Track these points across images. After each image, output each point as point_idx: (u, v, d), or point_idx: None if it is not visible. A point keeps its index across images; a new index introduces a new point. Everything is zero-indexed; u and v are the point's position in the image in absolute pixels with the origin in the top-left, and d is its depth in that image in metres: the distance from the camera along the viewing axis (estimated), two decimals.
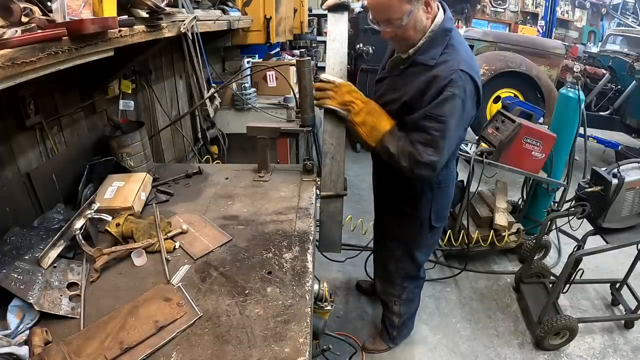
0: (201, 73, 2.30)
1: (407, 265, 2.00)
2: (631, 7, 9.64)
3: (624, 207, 2.15)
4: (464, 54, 1.45)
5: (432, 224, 1.82)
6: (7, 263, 1.15)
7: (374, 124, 1.50)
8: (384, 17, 1.44)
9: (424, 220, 1.81)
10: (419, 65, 1.49)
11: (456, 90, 1.38)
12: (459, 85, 1.38)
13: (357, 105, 1.49)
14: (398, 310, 2.19)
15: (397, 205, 1.83)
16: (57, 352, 0.97)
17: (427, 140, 1.44)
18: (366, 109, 1.51)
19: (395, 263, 2.01)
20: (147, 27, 1.50)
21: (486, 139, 3.06)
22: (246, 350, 0.99)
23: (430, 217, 1.79)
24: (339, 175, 1.59)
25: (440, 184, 1.74)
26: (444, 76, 1.39)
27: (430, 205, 1.77)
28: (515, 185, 3.89)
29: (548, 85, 4.77)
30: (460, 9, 10.38)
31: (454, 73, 1.38)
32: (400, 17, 1.40)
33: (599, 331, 2.54)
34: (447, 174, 1.76)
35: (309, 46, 5.50)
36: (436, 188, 1.74)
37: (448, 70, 1.40)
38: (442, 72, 1.41)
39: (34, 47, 0.91)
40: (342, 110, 1.50)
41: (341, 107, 1.50)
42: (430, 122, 1.42)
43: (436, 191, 1.75)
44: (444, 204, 1.82)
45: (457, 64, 1.40)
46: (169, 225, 1.46)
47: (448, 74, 1.39)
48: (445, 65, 1.42)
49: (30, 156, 1.49)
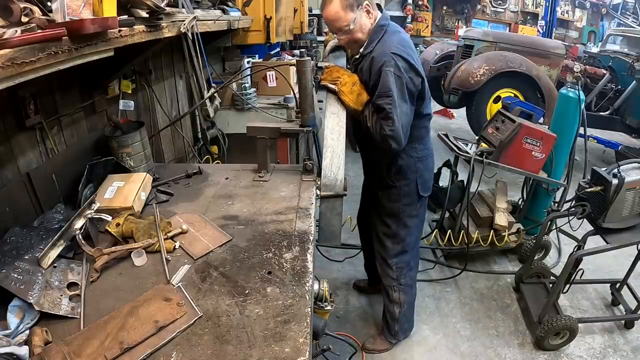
0: (201, 73, 2.29)
1: (403, 238, 2.17)
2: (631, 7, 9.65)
3: (624, 207, 2.15)
4: (395, 41, 1.77)
5: (419, 193, 2.07)
6: (7, 263, 1.15)
7: (359, 91, 1.81)
8: (337, 27, 1.80)
9: (412, 191, 2.06)
10: (365, 57, 1.83)
11: (390, 68, 1.70)
12: (391, 64, 1.70)
13: (343, 79, 1.81)
14: (398, 298, 2.26)
15: (388, 180, 2.05)
16: (57, 352, 0.97)
17: (384, 115, 1.74)
18: (352, 81, 1.81)
19: (392, 238, 2.17)
20: (147, 27, 1.50)
21: (486, 139, 3.06)
22: (246, 350, 0.99)
23: (418, 187, 2.05)
24: (339, 167, 1.61)
25: (422, 158, 2.03)
26: (379, 59, 1.73)
27: (416, 176, 2.03)
28: (515, 185, 3.89)
29: (548, 85, 4.77)
30: (460, 9, 10.40)
31: (386, 56, 1.71)
32: (347, 24, 1.77)
33: (599, 331, 2.54)
34: (425, 149, 2.04)
35: (309, 46, 5.49)
36: (418, 161, 2.01)
37: (381, 54, 1.73)
38: (378, 56, 1.74)
39: (34, 47, 0.91)
40: (331, 84, 1.81)
41: (330, 82, 1.82)
42: (382, 99, 1.73)
43: (419, 163, 2.02)
44: (427, 175, 2.10)
45: (388, 49, 1.73)
46: (169, 225, 1.46)
47: (382, 57, 1.72)
48: (379, 51, 1.75)
49: (30, 156, 1.49)
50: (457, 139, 3.19)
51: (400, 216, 2.11)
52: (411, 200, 2.08)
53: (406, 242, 2.18)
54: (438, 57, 5.99)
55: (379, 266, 2.29)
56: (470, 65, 4.75)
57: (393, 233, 2.15)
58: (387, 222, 2.15)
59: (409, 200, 2.08)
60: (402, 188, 2.05)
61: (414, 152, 1.99)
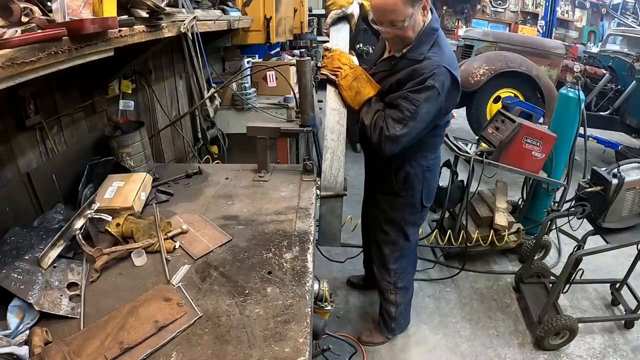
0: (201, 73, 2.29)
1: (402, 246, 2.12)
2: (631, 7, 9.65)
3: (624, 207, 2.15)
4: (448, 54, 1.64)
5: (423, 204, 2.01)
6: (7, 263, 1.15)
7: (359, 89, 1.68)
8: (389, 19, 1.58)
9: (416, 201, 1.99)
10: (408, 60, 1.67)
11: (436, 83, 1.56)
12: (439, 79, 1.56)
13: (344, 71, 1.67)
14: (395, 300, 2.25)
15: (394, 187, 1.96)
16: (57, 352, 0.97)
17: (398, 117, 1.61)
18: (353, 74, 1.68)
19: (390, 245, 2.12)
20: (147, 27, 1.50)
21: (486, 139, 3.06)
22: (246, 350, 0.99)
23: (422, 198, 1.98)
24: (339, 169, 1.60)
25: (430, 167, 1.93)
26: (429, 69, 1.57)
27: (422, 187, 1.94)
28: (515, 185, 3.89)
29: (548, 85, 4.77)
30: (460, 9, 10.40)
31: (437, 68, 1.56)
32: (403, 20, 1.56)
33: (599, 331, 2.54)
34: (435, 158, 1.96)
35: (309, 46, 5.50)
36: (426, 170, 1.92)
37: (432, 65, 1.58)
38: (428, 65, 1.59)
39: (34, 47, 0.91)
40: (332, 75, 1.69)
41: (331, 73, 1.69)
42: (405, 103, 1.60)
43: (427, 173, 1.93)
44: (432, 185, 2.03)
45: (442, 61, 1.58)
46: (169, 225, 1.46)
47: (432, 67, 1.57)
48: (431, 60, 1.60)
49: (30, 156, 1.49)
50: (457, 139, 3.19)
51: (402, 225, 2.06)
52: (414, 210, 2.02)
53: (405, 248, 2.15)
54: None
55: (376, 270, 2.27)
56: (470, 65, 4.75)
57: (392, 241, 2.11)
58: (386, 230, 2.09)
59: (412, 211, 2.02)
60: (407, 198, 1.97)
61: (424, 160, 1.89)
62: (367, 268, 2.72)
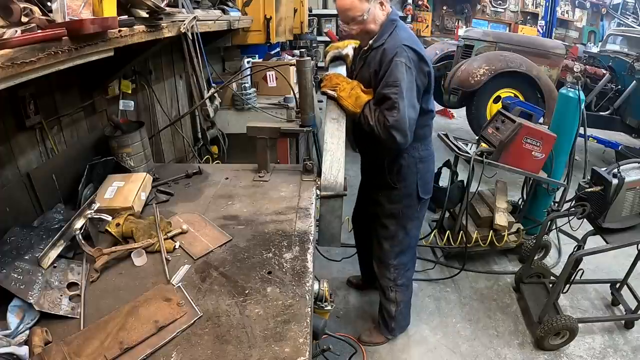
0: (201, 73, 2.29)
1: (402, 240, 2.17)
2: (631, 7, 9.65)
3: (624, 207, 2.15)
4: (404, 35, 1.83)
5: (419, 195, 2.07)
6: (7, 263, 1.15)
7: (357, 95, 1.86)
8: (350, 17, 1.82)
9: (412, 193, 2.06)
10: (374, 49, 1.86)
11: (402, 59, 1.74)
12: (404, 55, 1.74)
13: (342, 85, 1.88)
14: (394, 297, 2.27)
15: (388, 181, 2.05)
16: (57, 352, 0.97)
17: (389, 105, 1.75)
18: (350, 87, 1.87)
19: (390, 240, 2.16)
20: (147, 27, 1.50)
21: (486, 139, 3.06)
22: (246, 350, 0.99)
23: (418, 189, 2.06)
24: (339, 169, 1.60)
25: (422, 159, 2.03)
26: (391, 50, 1.76)
27: (416, 178, 2.03)
28: (515, 185, 3.89)
29: (548, 85, 4.76)
30: (460, 9, 10.40)
31: (399, 47, 1.75)
32: (362, 14, 1.79)
33: (599, 331, 2.54)
34: (426, 150, 2.05)
35: (309, 46, 5.48)
36: (419, 161, 2.02)
37: (394, 46, 1.77)
38: (390, 47, 1.78)
39: (34, 47, 0.91)
40: (331, 91, 1.88)
41: (330, 89, 1.89)
42: (388, 89, 1.75)
43: (419, 164, 2.02)
44: (428, 177, 2.11)
45: (400, 41, 1.78)
46: (169, 225, 1.46)
47: (394, 48, 1.76)
48: (391, 43, 1.80)
49: (30, 156, 1.49)
50: (457, 139, 3.19)
51: (400, 218, 2.11)
52: (412, 202, 2.08)
53: (405, 243, 2.18)
54: (438, 57, 5.99)
55: (376, 267, 2.29)
56: (470, 65, 4.75)
57: (392, 235, 2.15)
58: (386, 224, 2.14)
59: (409, 202, 2.08)
60: (402, 189, 2.05)
61: (415, 151, 1.98)
62: (364, 269, 2.74)
